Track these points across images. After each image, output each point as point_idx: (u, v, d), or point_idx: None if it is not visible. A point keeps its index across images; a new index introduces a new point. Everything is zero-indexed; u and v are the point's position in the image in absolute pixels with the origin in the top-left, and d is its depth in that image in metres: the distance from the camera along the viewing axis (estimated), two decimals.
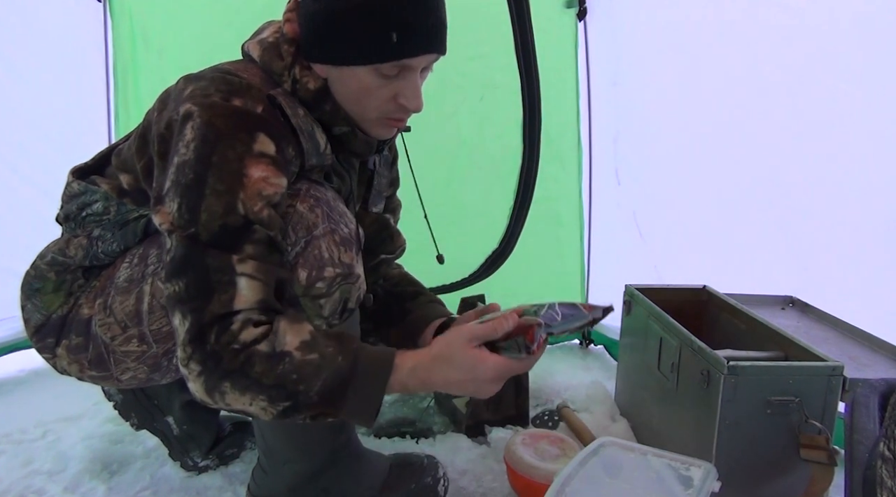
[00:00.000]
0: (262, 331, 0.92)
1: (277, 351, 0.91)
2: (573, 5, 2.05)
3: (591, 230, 2.22)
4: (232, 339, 0.90)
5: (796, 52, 1.64)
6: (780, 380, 1.19)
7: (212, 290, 0.91)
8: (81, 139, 2.00)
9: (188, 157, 0.95)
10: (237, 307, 0.91)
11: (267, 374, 0.90)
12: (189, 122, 0.96)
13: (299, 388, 0.91)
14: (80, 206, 1.16)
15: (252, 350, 0.90)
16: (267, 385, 0.91)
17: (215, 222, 0.92)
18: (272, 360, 0.91)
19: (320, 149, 1.07)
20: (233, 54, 1.15)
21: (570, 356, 2.25)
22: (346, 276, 1.04)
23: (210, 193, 0.93)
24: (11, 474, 1.38)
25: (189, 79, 1.03)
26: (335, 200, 1.07)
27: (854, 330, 1.49)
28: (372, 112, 1.07)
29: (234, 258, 0.92)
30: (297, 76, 1.06)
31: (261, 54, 1.08)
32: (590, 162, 2.18)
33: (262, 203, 0.94)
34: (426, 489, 1.28)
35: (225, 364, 0.90)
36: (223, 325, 0.90)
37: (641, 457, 1.14)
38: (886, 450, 0.95)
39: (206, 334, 0.90)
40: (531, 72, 2.00)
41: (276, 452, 1.19)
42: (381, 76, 1.03)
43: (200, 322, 0.90)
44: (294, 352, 0.92)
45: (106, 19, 2.03)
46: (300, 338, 0.93)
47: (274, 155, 0.97)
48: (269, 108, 1.00)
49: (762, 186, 1.79)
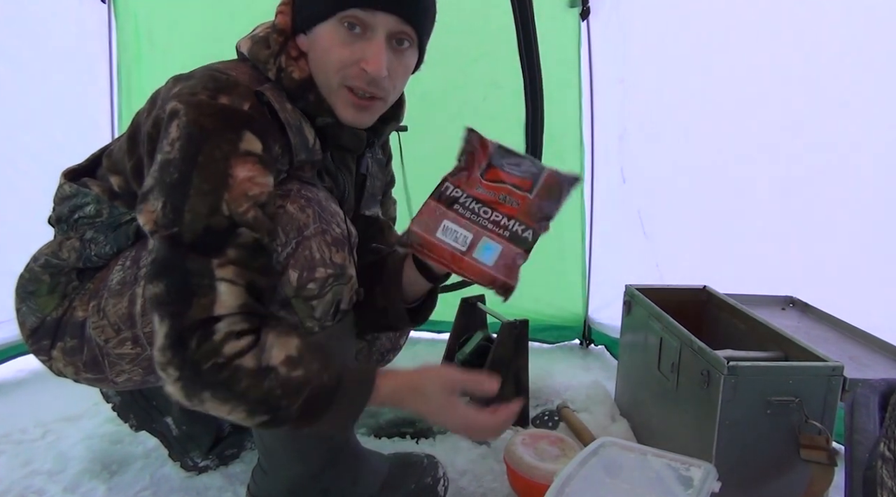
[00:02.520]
0: (246, 342, 0.91)
1: (263, 365, 0.91)
2: (576, 5, 2.05)
3: (593, 229, 2.22)
4: (214, 352, 0.89)
5: (802, 51, 1.65)
6: (780, 380, 1.19)
7: (192, 293, 0.90)
8: (85, 139, 2.00)
9: (173, 156, 0.94)
10: (218, 313, 0.90)
11: (252, 390, 0.90)
12: (175, 121, 0.95)
13: (282, 403, 0.91)
14: (71, 209, 1.15)
15: (237, 365, 0.90)
16: (250, 399, 0.91)
17: (199, 223, 0.92)
18: (258, 376, 0.90)
19: (309, 144, 1.06)
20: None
21: (570, 356, 2.25)
22: (339, 277, 1.04)
23: (195, 194, 0.92)
24: (11, 474, 1.38)
25: (178, 78, 1.03)
26: (327, 200, 1.07)
27: (854, 330, 1.48)
28: (334, 75, 1.05)
29: (215, 262, 0.91)
30: (283, 65, 1.06)
31: (250, 47, 1.08)
32: (592, 161, 2.18)
33: (248, 204, 0.94)
34: (426, 489, 1.28)
35: (206, 375, 0.89)
36: (204, 333, 0.89)
37: (641, 457, 1.14)
38: (887, 450, 0.95)
39: (185, 341, 0.89)
40: (534, 71, 2.00)
41: (276, 453, 1.18)
42: (343, 33, 1.02)
43: (180, 327, 0.89)
44: (280, 367, 0.91)
45: (111, 19, 2.03)
46: (286, 352, 0.93)
47: (260, 153, 0.96)
48: (256, 104, 0.99)
49: (764, 186, 1.79)
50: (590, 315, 2.29)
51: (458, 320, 1.82)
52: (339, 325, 1.09)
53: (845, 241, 1.60)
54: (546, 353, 2.26)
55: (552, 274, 2.26)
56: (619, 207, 2.13)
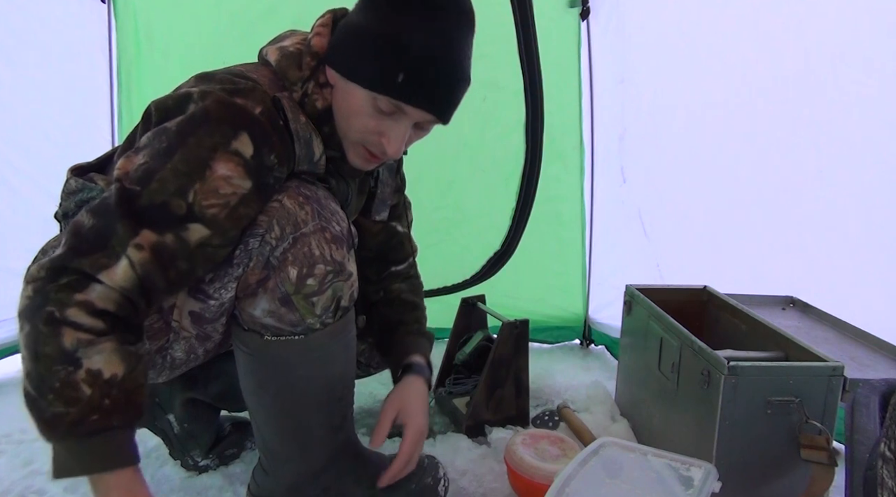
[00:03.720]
0: (89, 322, 0.87)
1: (75, 355, 0.87)
2: (576, 5, 2.05)
3: (593, 230, 2.23)
4: (62, 303, 0.87)
5: (802, 51, 1.64)
6: (780, 380, 1.19)
7: (100, 247, 0.90)
8: (85, 140, 2.00)
9: (170, 126, 0.96)
10: (101, 277, 0.89)
11: (45, 360, 0.86)
12: (188, 102, 0.97)
13: (48, 396, 0.87)
14: (77, 204, 1.15)
15: (60, 330, 0.86)
16: (37, 367, 0.87)
17: (160, 196, 0.92)
18: (60, 356, 0.87)
19: (314, 158, 1.07)
20: (236, 54, 1.16)
21: (570, 356, 2.25)
22: (338, 274, 1.04)
23: (170, 169, 0.93)
24: (12, 474, 1.38)
25: (200, 76, 1.04)
26: (326, 199, 1.07)
27: (854, 330, 1.49)
28: (355, 134, 1.07)
29: (136, 239, 0.90)
30: (310, 91, 1.07)
31: (279, 60, 1.08)
32: (592, 161, 2.18)
33: (214, 201, 0.94)
34: (426, 489, 1.28)
35: (38, 314, 0.87)
36: (75, 285, 0.88)
37: (641, 457, 1.14)
38: (887, 450, 0.94)
39: (59, 276, 0.88)
40: (534, 72, 2.00)
41: (276, 452, 1.19)
42: (376, 107, 1.03)
43: (67, 262, 0.89)
44: (83, 370, 0.87)
45: (110, 19, 2.03)
46: (102, 366, 0.88)
47: (248, 158, 0.96)
48: (268, 110, 1.00)
49: (764, 185, 1.79)
50: (590, 315, 2.29)
51: (458, 320, 1.82)
52: (340, 323, 1.10)
53: (845, 241, 1.60)
54: (546, 353, 2.26)
55: (552, 274, 2.27)
56: (620, 207, 2.13)
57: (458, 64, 1.03)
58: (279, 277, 1.01)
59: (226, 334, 1.14)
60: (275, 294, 1.03)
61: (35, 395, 0.88)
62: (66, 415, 0.87)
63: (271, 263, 1.02)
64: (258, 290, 1.03)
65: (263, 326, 1.06)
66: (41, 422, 0.88)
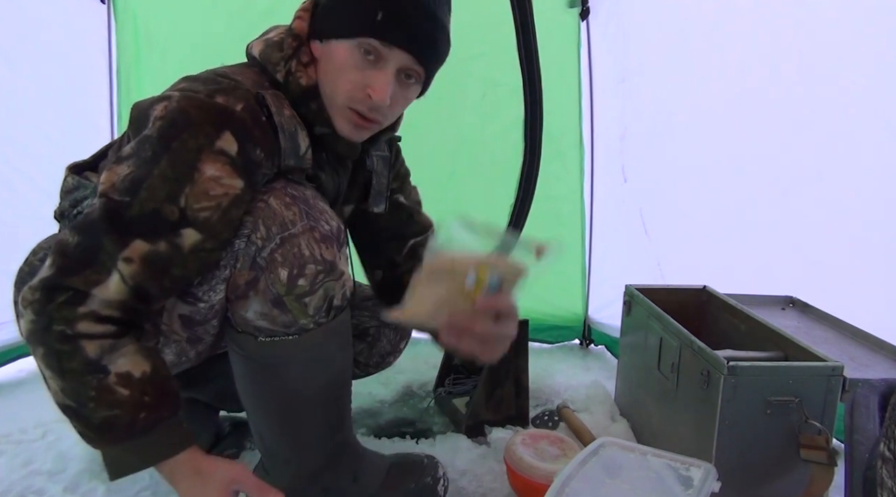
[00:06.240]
0: (102, 329, 0.91)
1: (101, 362, 0.90)
2: (576, 5, 2.05)
3: (593, 228, 2.22)
4: (68, 320, 0.89)
5: (802, 51, 1.64)
6: (779, 380, 1.19)
7: (89, 263, 0.90)
8: (84, 140, 2.00)
9: (151, 134, 0.95)
10: (94, 292, 0.90)
11: (74, 374, 0.90)
12: (164, 102, 0.97)
13: (89, 405, 0.90)
14: (73, 203, 1.15)
15: (80, 344, 0.89)
16: (68, 380, 0.90)
17: (151, 204, 0.92)
18: (89, 366, 0.90)
19: (300, 151, 1.06)
20: (236, 55, 1.16)
21: (570, 356, 2.25)
22: (329, 273, 1.04)
23: (158, 175, 0.93)
24: (11, 474, 1.38)
25: (185, 78, 1.04)
26: (314, 198, 1.07)
27: (854, 330, 1.48)
28: (342, 96, 1.06)
29: (124, 254, 0.91)
30: (293, 69, 1.07)
31: (262, 50, 1.09)
32: (591, 160, 2.18)
33: (206, 203, 0.94)
34: (426, 489, 1.28)
35: (50, 335, 0.89)
36: (73, 298, 0.89)
37: (641, 457, 1.14)
38: (887, 450, 0.95)
39: (54, 294, 0.89)
40: (533, 72, 2.00)
41: (276, 452, 1.19)
42: (358, 57, 1.03)
43: (59, 280, 0.89)
44: (114, 375, 0.91)
45: (110, 20, 2.04)
46: (130, 368, 0.92)
47: (234, 155, 0.96)
48: (250, 106, 1.00)
49: (764, 186, 1.79)
50: (590, 315, 2.29)
51: None
52: (334, 323, 1.10)
53: (845, 241, 1.60)
54: (546, 353, 2.26)
55: (552, 274, 2.26)
56: (620, 207, 2.13)
57: (435, 9, 1.04)
58: (270, 279, 1.01)
59: (218, 336, 1.14)
60: (266, 296, 1.03)
61: (75, 406, 0.91)
62: (115, 418, 0.91)
63: (258, 264, 1.02)
64: (249, 293, 1.03)
65: (256, 328, 1.06)
66: (90, 429, 0.92)
